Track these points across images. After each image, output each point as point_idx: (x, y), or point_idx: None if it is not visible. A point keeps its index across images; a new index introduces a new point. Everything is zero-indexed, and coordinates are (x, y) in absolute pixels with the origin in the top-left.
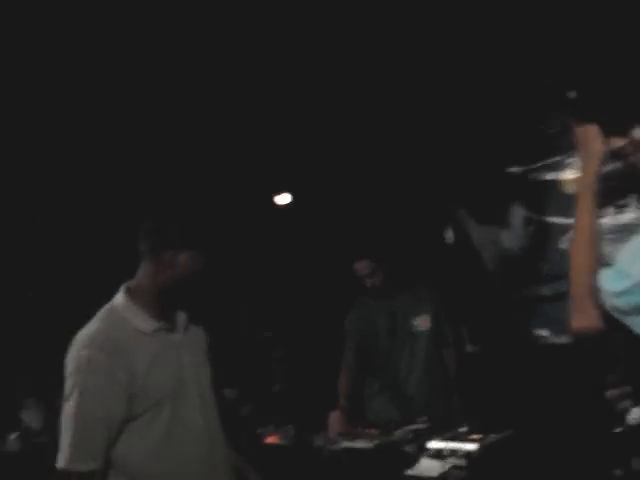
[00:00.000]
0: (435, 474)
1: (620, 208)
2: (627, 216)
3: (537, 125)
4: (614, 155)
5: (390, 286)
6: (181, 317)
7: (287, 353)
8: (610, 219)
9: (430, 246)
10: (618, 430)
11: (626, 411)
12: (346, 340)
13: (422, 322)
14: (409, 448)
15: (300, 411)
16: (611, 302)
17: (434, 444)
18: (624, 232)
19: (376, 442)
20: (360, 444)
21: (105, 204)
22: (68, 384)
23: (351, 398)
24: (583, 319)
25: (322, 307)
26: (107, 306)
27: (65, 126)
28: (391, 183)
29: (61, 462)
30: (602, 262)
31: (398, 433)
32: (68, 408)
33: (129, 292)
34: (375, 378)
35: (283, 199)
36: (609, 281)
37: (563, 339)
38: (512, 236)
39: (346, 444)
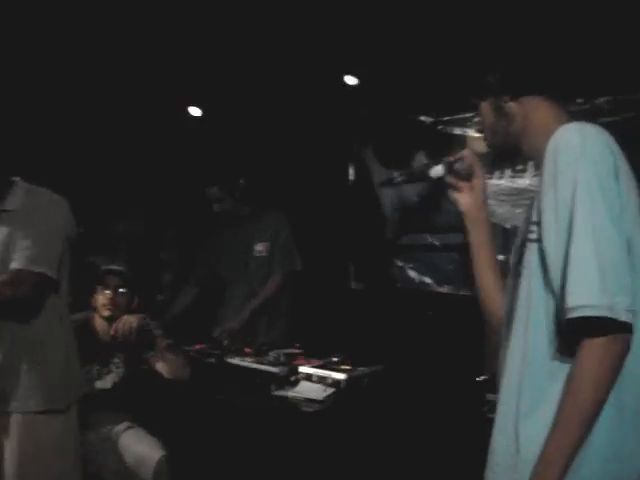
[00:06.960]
0: (319, 397)
1: (517, 172)
2: (523, 181)
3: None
4: None
5: (239, 211)
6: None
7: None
8: (507, 181)
9: (327, 180)
10: (481, 378)
11: None
12: None
13: (263, 248)
14: (280, 370)
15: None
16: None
17: (305, 369)
18: (519, 196)
19: (249, 360)
20: (234, 361)
21: None
22: None
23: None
24: None
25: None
26: None
27: None
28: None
29: None
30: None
31: (271, 354)
32: None
33: None
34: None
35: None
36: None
37: (445, 289)
38: (412, 183)
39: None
